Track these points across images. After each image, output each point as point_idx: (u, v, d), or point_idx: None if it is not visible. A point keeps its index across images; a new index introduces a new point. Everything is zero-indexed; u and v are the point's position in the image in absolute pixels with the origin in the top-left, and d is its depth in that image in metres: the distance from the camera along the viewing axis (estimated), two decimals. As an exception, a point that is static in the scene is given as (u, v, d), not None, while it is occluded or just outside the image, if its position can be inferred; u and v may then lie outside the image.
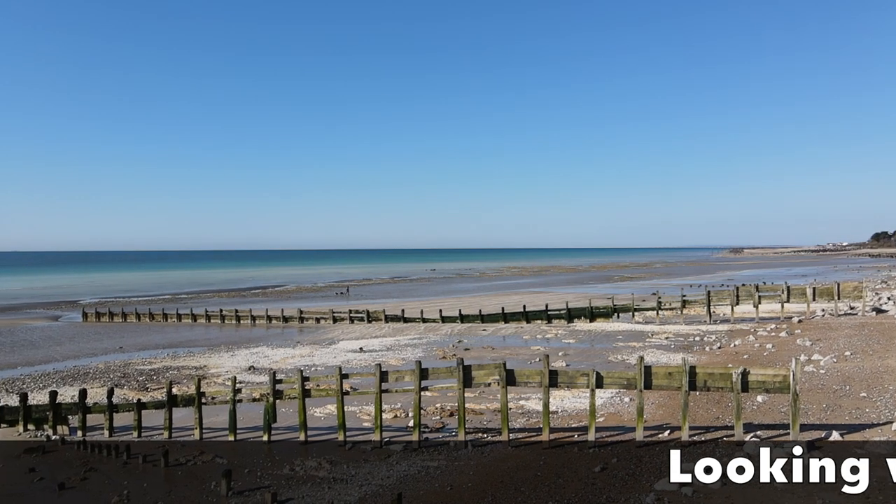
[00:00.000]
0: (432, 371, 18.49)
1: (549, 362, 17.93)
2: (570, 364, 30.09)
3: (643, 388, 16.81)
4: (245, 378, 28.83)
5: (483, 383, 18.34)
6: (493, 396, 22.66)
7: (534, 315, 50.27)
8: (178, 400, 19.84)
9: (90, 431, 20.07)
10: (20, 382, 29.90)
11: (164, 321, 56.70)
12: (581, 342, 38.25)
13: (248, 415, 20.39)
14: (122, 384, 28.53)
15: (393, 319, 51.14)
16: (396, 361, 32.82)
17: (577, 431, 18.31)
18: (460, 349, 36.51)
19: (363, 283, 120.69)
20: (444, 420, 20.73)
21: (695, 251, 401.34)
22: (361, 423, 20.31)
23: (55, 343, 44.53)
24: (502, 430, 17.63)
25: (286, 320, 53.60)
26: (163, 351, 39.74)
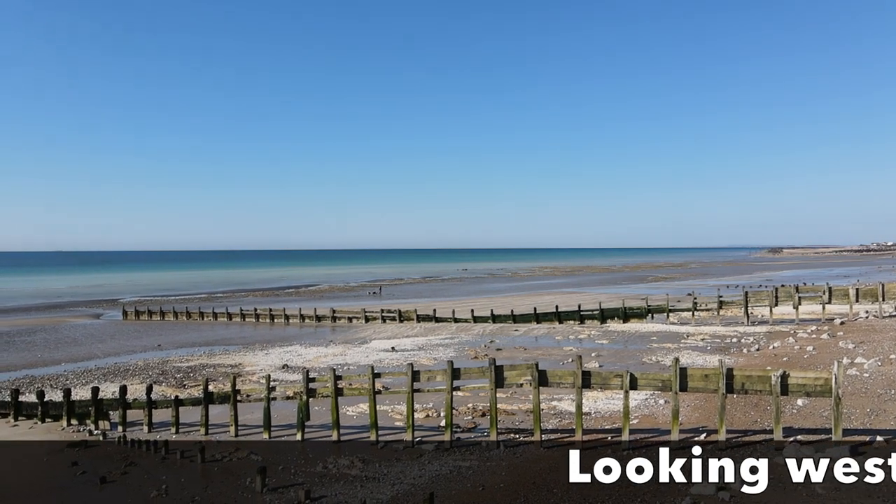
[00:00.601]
0: (464, 371, 18.47)
1: (581, 363, 17.77)
2: (604, 365, 29.77)
3: (678, 390, 16.54)
4: (279, 376, 29.22)
5: (515, 384, 18.27)
6: (526, 397, 22.54)
7: (566, 315, 49.89)
8: (214, 397, 20.19)
9: (130, 427, 20.55)
10: (64, 378, 30.79)
11: (200, 320, 57.81)
12: (614, 343, 37.81)
13: (282, 412, 20.64)
14: (160, 381, 29.15)
15: (424, 319, 51.27)
16: (428, 361, 32.89)
17: (610, 433, 18.10)
18: (492, 349, 36.41)
19: (395, 282, 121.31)
20: (476, 420, 20.69)
21: (731, 251, 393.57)
22: (393, 423, 20.40)
23: (97, 340, 45.75)
24: (534, 431, 17.52)
25: (319, 319, 54.16)
26: (199, 349, 40.51)
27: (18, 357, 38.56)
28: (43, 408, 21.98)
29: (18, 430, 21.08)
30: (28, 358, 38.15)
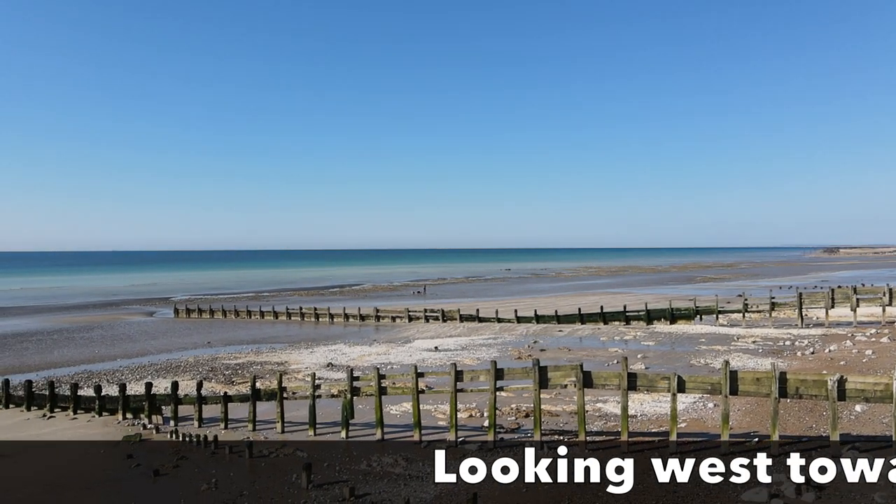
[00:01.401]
0: (507, 371, 18.37)
1: (627, 365, 17.46)
2: (650, 367, 29.22)
3: (728, 393, 16.09)
4: (323, 374, 29.62)
5: (559, 385, 18.07)
6: (570, 398, 22.30)
7: (611, 316, 49.18)
8: (261, 394, 20.59)
9: (181, 421, 21.13)
10: (119, 374, 31.90)
11: (248, 318, 59.08)
12: (661, 345, 37.07)
13: (327, 410, 20.91)
14: (209, 377, 29.90)
15: (468, 319, 51.24)
16: (471, 361, 32.85)
17: (657, 436, 17.74)
18: (536, 350, 36.15)
19: (438, 282, 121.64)
20: (520, 421, 20.55)
21: (784, 251, 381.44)
22: (436, 422, 20.43)
23: (150, 337, 47.24)
24: (579, 433, 17.30)
25: (363, 319, 54.70)
26: (247, 346, 41.40)
27: (77, 352, 40.12)
28: (100, 402, 22.81)
29: (77, 423, 21.91)
30: (86, 353, 39.66)
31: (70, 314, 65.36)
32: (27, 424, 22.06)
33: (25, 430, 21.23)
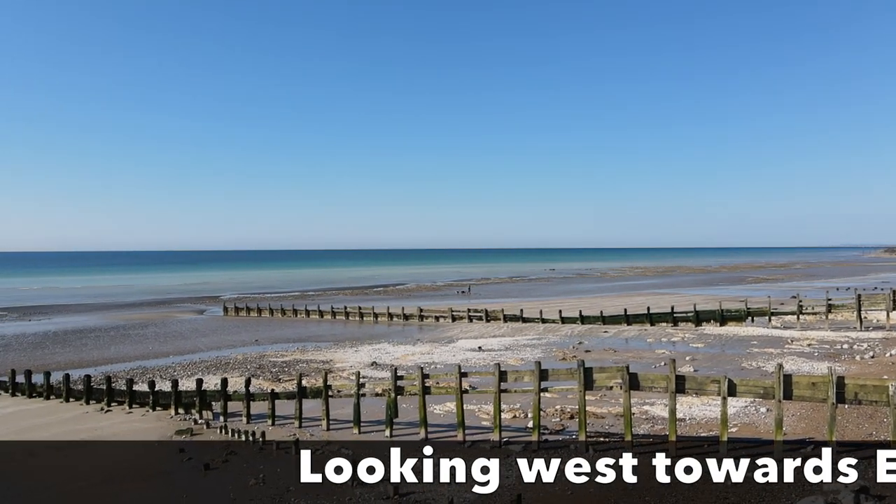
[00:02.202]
0: (552, 372, 18.20)
1: (675, 367, 17.08)
2: (699, 370, 28.54)
3: (782, 398, 15.57)
4: (368, 373, 29.90)
5: (605, 386, 17.81)
6: (616, 400, 21.95)
7: (658, 317, 48.24)
8: (307, 392, 20.91)
9: (230, 417, 21.64)
10: (171, 370, 32.87)
11: (294, 317, 60.12)
12: (710, 347, 36.17)
13: (371, 409, 21.09)
14: (257, 374, 30.53)
15: (512, 319, 51.00)
16: (515, 361, 32.68)
17: (706, 441, 17.30)
18: (580, 351, 35.73)
19: (481, 282, 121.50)
20: (564, 422, 20.34)
21: (842, 251, 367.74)
22: (480, 422, 20.39)
23: (201, 335, 48.55)
24: (625, 435, 17.01)
25: (406, 318, 55.01)
26: (293, 345, 42.13)
27: (132, 349, 41.54)
28: (154, 397, 23.55)
29: (133, 417, 22.67)
30: (140, 350, 41.02)
31: (126, 312, 67.73)
32: (86, 417, 22.93)
33: (84, 423, 22.08)
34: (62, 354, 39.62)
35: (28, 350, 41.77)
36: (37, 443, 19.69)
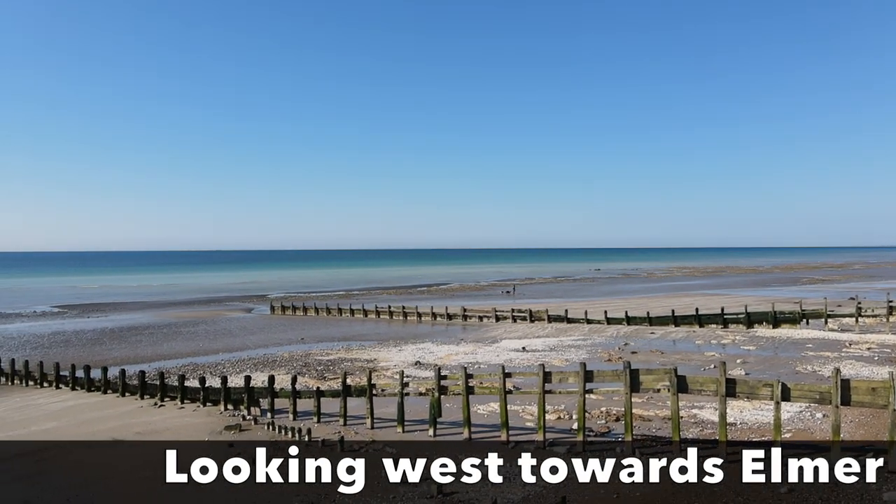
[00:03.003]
0: (597, 373, 17.94)
1: (725, 370, 16.61)
2: (750, 373, 27.74)
3: (839, 403, 14.98)
4: (411, 372, 30.03)
5: (651, 389, 17.45)
6: (663, 403, 21.51)
7: (707, 318, 47.07)
8: (351, 390, 21.13)
9: (277, 414, 22.03)
10: (221, 367, 33.69)
11: (338, 316, 60.87)
12: (762, 349, 35.11)
13: (415, 408, 21.17)
14: (303, 372, 31.02)
15: (556, 319, 50.53)
16: (559, 362, 32.36)
17: (758, 446, 16.75)
18: (626, 352, 35.15)
19: (525, 282, 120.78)
20: (610, 424, 20.02)
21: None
22: (524, 423, 20.24)
23: (248, 333, 49.62)
24: (673, 439, 16.64)
25: (450, 318, 55.07)
26: (338, 343, 42.66)
27: (184, 346, 42.74)
28: (204, 393, 24.16)
29: (184, 412, 23.31)
30: (191, 347, 42.17)
31: (178, 310, 69.76)
32: (140, 412, 23.68)
33: (139, 417, 22.81)
34: (118, 350, 41.05)
35: (87, 346, 43.43)
36: (96, 433, 20.45)
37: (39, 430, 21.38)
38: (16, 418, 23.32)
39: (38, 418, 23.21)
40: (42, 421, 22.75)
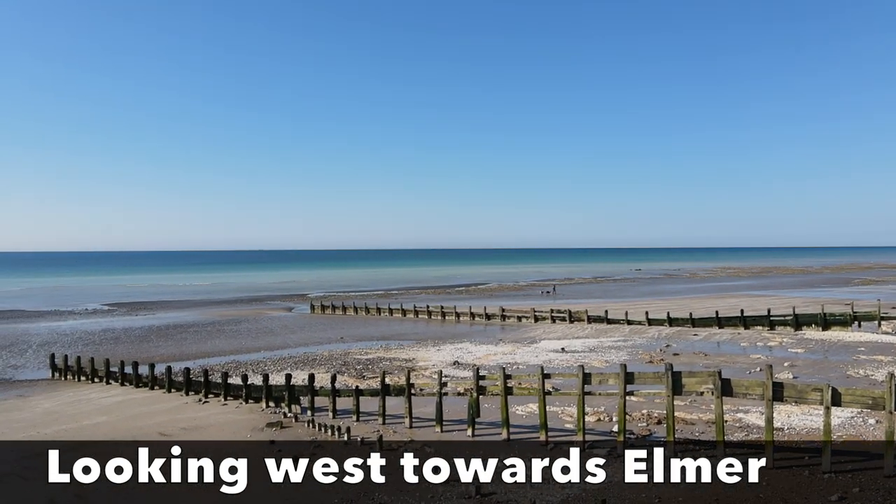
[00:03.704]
0: (638, 375, 17.67)
1: (772, 373, 16.15)
2: (798, 377, 26.94)
3: (894, 409, 14.40)
4: (449, 372, 30.06)
5: (694, 392, 17.08)
6: (706, 406, 21.05)
7: (753, 320, 45.88)
8: (390, 389, 21.26)
9: (317, 412, 22.30)
10: (262, 364, 34.28)
11: (377, 315, 61.33)
12: (811, 353, 34.05)
13: (453, 407, 21.17)
14: (342, 371, 31.34)
15: (596, 320, 49.95)
16: (599, 363, 31.98)
17: (806, 453, 16.26)
18: (668, 354, 34.52)
19: (564, 282, 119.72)
20: (651, 427, 19.68)
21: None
22: (563, 424, 20.06)
23: (289, 331, 50.40)
24: (717, 444, 16.26)
25: (488, 318, 54.95)
26: (377, 342, 42.98)
27: (227, 344, 43.65)
28: (246, 390, 24.63)
29: (227, 409, 23.80)
30: (234, 345, 43.04)
31: (221, 308, 71.30)
32: (186, 408, 24.28)
33: (184, 413, 23.38)
34: (164, 348, 42.17)
35: (135, 343, 44.74)
36: (143, 427, 21.05)
37: (90, 424, 22.12)
38: (69, 412, 24.17)
39: (90, 412, 24.01)
40: (93, 415, 23.53)
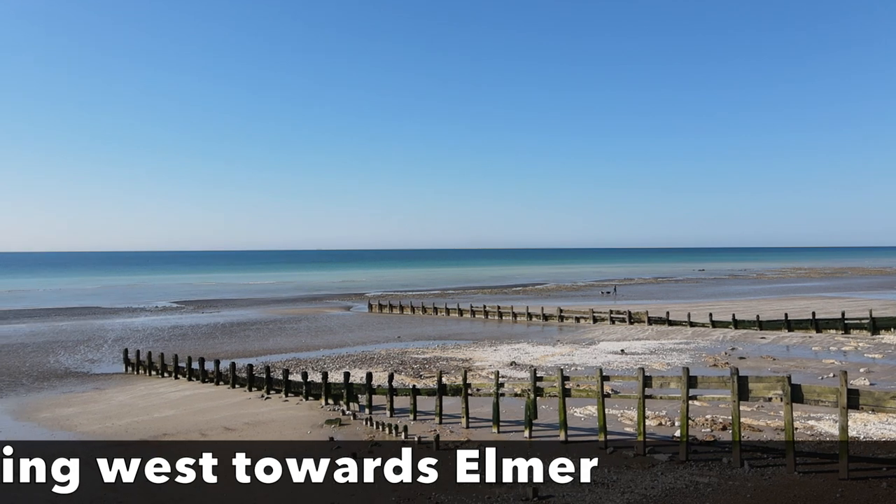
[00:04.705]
0: (702, 379, 17.10)
1: (847, 379, 15.35)
2: (875, 383, 25.56)
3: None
4: (506, 373, 29.90)
5: (762, 397, 16.42)
6: (775, 413, 20.22)
7: (825, 323, 43.80)
8: (447, 389, 21.30)
9: (375, 410, 22.56)
10: (322, 363, 34.94)
11: (434, 314, 61.61)
12: (890, 358, 32.26)
13: (510, 408, 21.04)
14: (399, 370, 31.60)
15: (656, 322, 48.75)
16: (660, 366, 31.19)
17: (885, 464, 15.40)
18: (734, 357, 33.37)
19: (624, 282, 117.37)
20: (716, 433, 19.03)
21: None
22: (623, 428, 19.64)
23: (347, 330, 51.21)
24: (786, 453, 15.56)
25: (546, 318, 54.42)
26: (433, 342, 43.17)
27: (287, 341, 44.71)
28: (306, 387, 25.16)
29: (288, 405, 24.37)
30: (294, 343, 44.04)
31: (282, 307, 73.13)
32: (249, 403, 24.99)
33: (248, 408, 24.07)
34: (228, 344, 43.54)
35: (201, 339, 46.39)
36: (209, 421, 21.80)
37: (160, 417, 23.06)
38: (141, 405, 25.26)
39: (160, 406, 25.02)
40: (163, 408, 24.51)
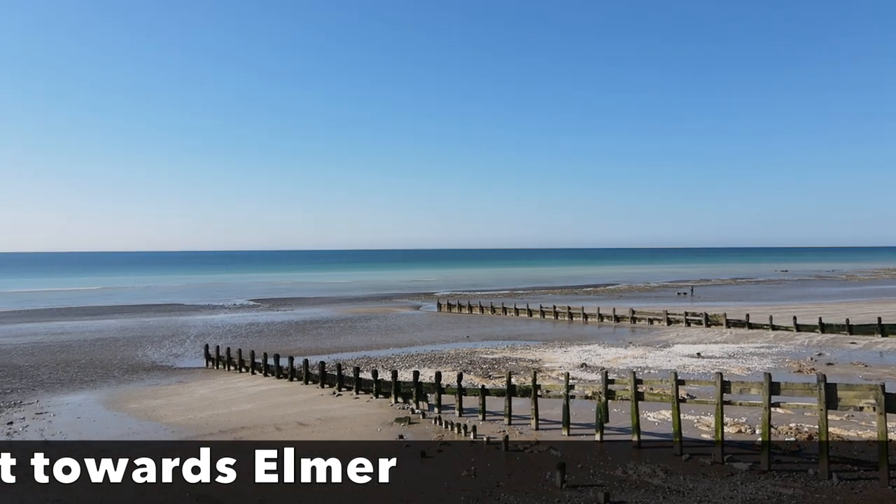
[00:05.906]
0: (785, 386, 16.25)
1: (950, 389, 14.24)
2: (982, 394, 23.59)
3: None
4: (577, 374, 29.40)
5: (852, 406, 15.46)
6: (867, 423, 19.01)
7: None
8: (516, 390, 21.13)
9: (443, 409, 22.64)
10: (391, 361, 35.41)
11: (503, 314, 61.33)
12: None
13: (580, 411, 20.67)
14: (468, 370, 31.61)
15: (735, 325, 46.79)
16: (740, 371, 29.92)
17: None
18: (821, 363, 31.61)
19: (700, 283, 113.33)
20: (800, 443, 18.06)
21: None
22: (699, 434, 18.93)
23: (417, 329, 51.69)
24: (879, 466, 14.59)
25: (617, 320, 53.22)
26: (502, 342, 42.97)
27: (358, 340, 45.57)
28: (377, 385, 25.55)
29: (359, 402, 24.82)
30: (365, 341, 44.83)
31: (353, 305, 74.64)
32: (321, 399, 25.61)
33: (320, 405, 24.67)
34: (302, 342, 44.79)
35: (276, 336, 47.93)
36: (284, 416, 22.48)
37: (238, 411, 23.95)
38: (220, 399, 26.33)
39: (238, 399, 26.01)
40: (241, 402, 25.46)
